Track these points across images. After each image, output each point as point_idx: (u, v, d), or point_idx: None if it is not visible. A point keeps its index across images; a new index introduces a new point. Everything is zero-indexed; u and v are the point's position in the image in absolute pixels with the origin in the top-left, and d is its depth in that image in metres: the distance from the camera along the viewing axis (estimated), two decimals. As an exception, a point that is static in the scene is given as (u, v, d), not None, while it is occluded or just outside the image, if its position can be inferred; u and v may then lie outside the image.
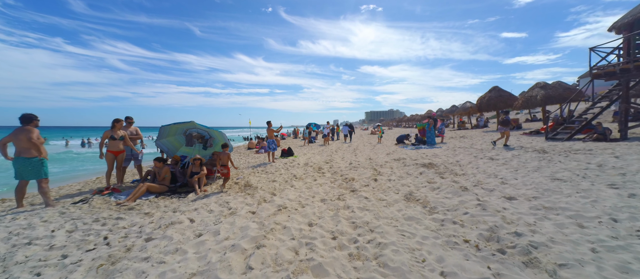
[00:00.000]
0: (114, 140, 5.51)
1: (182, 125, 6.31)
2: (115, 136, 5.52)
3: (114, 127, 5.55)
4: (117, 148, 5.63)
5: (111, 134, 5.49)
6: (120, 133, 5.63)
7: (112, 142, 5.52)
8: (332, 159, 9.33)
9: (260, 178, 6.47)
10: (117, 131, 5.60)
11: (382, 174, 6.07)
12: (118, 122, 5.63)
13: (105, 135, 5.50)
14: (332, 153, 11.54)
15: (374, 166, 7.23)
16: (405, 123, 55.19)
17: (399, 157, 8.64)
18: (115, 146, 5.55)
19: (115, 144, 5.58)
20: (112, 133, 5.50)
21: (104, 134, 5.50)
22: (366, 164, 7.63)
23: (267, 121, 9.59)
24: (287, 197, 4.57)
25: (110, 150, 5.52)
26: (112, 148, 5.56)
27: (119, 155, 5.70)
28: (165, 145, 6.66)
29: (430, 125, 12.29)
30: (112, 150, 5.53)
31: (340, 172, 6.69)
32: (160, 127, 6.11)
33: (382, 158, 8.87)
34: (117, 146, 5.62)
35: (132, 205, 4.42)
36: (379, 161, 8.10)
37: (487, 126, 21.03)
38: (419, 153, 9.30)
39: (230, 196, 4.88)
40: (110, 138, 5.49)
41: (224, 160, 5.43)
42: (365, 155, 9.92)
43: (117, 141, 5.57)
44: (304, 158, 10.34)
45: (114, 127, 5.55)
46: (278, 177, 6.51)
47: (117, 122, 5.58)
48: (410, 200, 3.97)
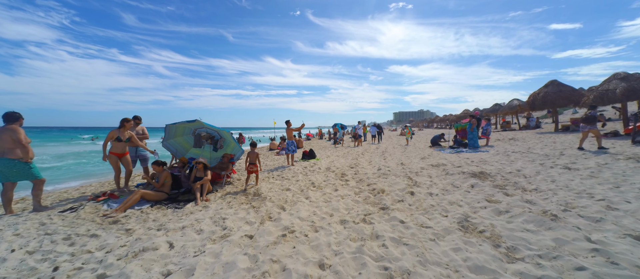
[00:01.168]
0: (119, 141, 5.04)
1: (190, 125, 5.68)
2: (121, 137, 5.04)
3: (123, 127, 5.08)
4: (122, 150, 5.16)
5: (117, 135, 5.02)
6: (127, 135, 5.15)
7: (116, 144, 5.05)
8: (357, 163, 8.20)
9: (273, 186, 5.60)
10: (125, 132, 5.13)
11: (419, 185, 4.84)
12: (127, 122, 5.16)
13: (111, 135, 5.04)
14: (357, 156, 10.40)
15: (408, 173, 5.98)
16: (437, 123, 51.55)
17: (437, 163, 7.24)
18: (118, 147, 5.08)
19: (120, 146, 5.11)
20: (118, 134, 5.02)
21: (110, 134, 5.05)
22: (398, 171, 6.40)
23: (286, 120, 8.76)
24: (298, 214, 3.60)
25: (113, 152, 5.05)
26: (115, 149, 5.10)
27: (123, 157, 5.23)
28: (174, 146, 6.11)
29: (472, 125, 10.54)
30: (115, 151, 5.06)
31: (366, 181, 5.58)
32: (166, 126, 5.54)
33: (417, 163, 7.54)
34: (121, 148, 5.15)
35: (118, 216, 3.79)
36: (413, 167, 6.80)
37: (539, 127, 18.17)
38: (461, 158, 7.78)
39: (231, 209, 4.05)
40: (116, 139, 5.02)
41: (253, 158, 5.63)
42: (396, 159, 8.62)
43: (122, 143, 5.09)
44: (326, 161, 9.35)
45: (123, 127, 5.08)
46: (293, 185, 5.59)
47: (127, 122, 5.11)
48: (468, 230, 2.75)
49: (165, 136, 5.76)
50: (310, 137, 29.81)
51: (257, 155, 5.72)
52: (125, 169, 5.30)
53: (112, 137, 5.02)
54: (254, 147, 5.90)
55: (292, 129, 8.70)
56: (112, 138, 5.00)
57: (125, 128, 5.11)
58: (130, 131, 5.36)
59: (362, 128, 21.06)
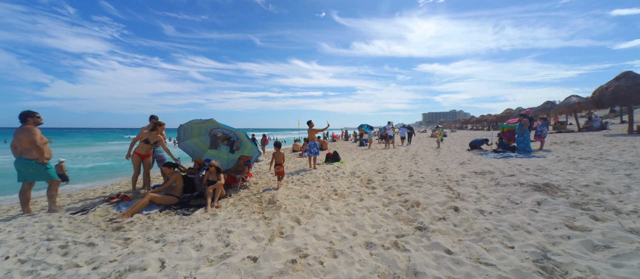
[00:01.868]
0: (147, 143, 4.93)
1: (205, 124, 5.41)
2: (150, 139, 4.93)
3: (155, 130, 4.97)
4: (146, 152, 5.04)
5: (147, 136, 4.91)
6: (157, 138, 5.02)
7: (142, 144, 4.95)
8: (386, 168, 7.39)
9: (291, 192, 5.09)
10: (156, 135, 5.02)
11: (464, 198, 3.96)
12: (160, 125, 5.05)
13: (141, 135, 4.95)
14: (385, 159, 9.53)
15: (447, 182, 5.07)
16: (473, 125, 47.63)
17: (481, 169, 6.17)
18: (144, 149, 4.98)
19: (146, 147, 5.02)
20: (148, 136, 4.91)
21: (140, 134, 4.96)
22: (433, 178, 5.51)
23: (307, 121, 8.25)
24: (314, 230, 3.02)
25: (137, 152, 4.95)
26: (140, 150, 5.00)
27: (146, 158, 5.11)
28: (190, 147, 5.90)
29: (524, 126, 9.08)
30: (139, 152, 4.97)
31: (397, 189, 4.81)
32: (179, 127, 5.32)
33: (455, 169, 6.52)
34: (147, 150, 5.04)
35: (124, 222, 3.53)
36: (451, 174, 5.84)
37: (606, 128, 15.47)
38: (512, 165, 6.59)
39: (241, 219, 3.60)
40: (144, 141, 4.91)
41: (280, 159, 5.53)
42: (430, 164, 7.64)
43: (149, 145, 4.98)
44: (351, 164, 8.66)
45: (155, 130, 4.97)
46: (313, 191, 5.02)
47: (159, 125, 5.00)
48: (554, 277, 1.92)
49: (180, 137, 5.55)
50: (336, 139, 29.17)
51: (283, 155, 5.63)
52: (144, 171, 5.17)
53: (142, 137, 4.92)
54: (278, 147, 5.82)
55: (314, 130, 8.15)
56: (142, 138, 4.90)
57: (157, 131, 4.98)
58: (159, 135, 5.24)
59: (391, 129, 19.92)
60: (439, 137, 13.97)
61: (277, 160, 5.55)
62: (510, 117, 29.88)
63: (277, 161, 5.54)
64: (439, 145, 13.78)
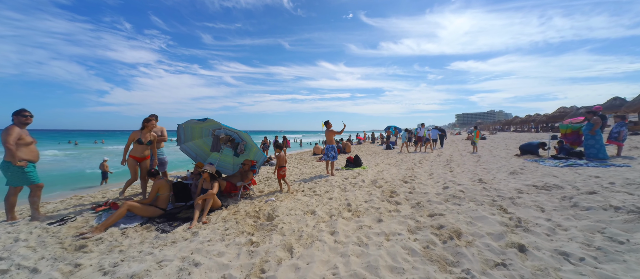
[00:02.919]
0: (140, 144, 4.52)
1: (205, 124, 4.85)
2: (142, 139, 4.52)
3: (145, 128, 4.56)
4: (141, 154, 4.63)
5: (139, 137, 4.51)
6: (149, 137, 4.61)
7: (136, 146, 4.54)
8: (413, 176, 6.25)
9: (297, 204, 4.28)
10: (146, 134, 4.60)
11: (528, 228, 2.79)
12: (149, 122, 4.63)
13: (132, 137, 4.56)
14: (414, 165, 8.31)
15: (497, 199, 3.86)
16: (516, 126, 42.76)
17: (543, 182, 4.78)
18: (139, 151, 4.56)
19: (140, 149, 4.59)
20: (140, 136, 4.51)
21: (131, 136, 4.58)
22: (477, 192, 4.30)
23: (324, 121, 7.40)
24: (307, 269, 2.17)
25: (132, 155, 4.55)
26: (135, 153, 4.59)
27: (143, 161, 4.71)
28: (192, 149, 5.40)
29: (595, 126, 7.25)
30: (134, 155, 4.56)
31: (427, 207, 3.74)
32: (178, 127, 4.82)
33: (506, 181, 5.18)
34: (142, 151, 4.62)
35: (93, 238, 3.00)
36: (502, 188, 4.56)
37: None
38: (586, 178, 5.06)
39: (223, 242, 2.87)
40: (136, 142, 4.51)
41: (282, 161, 5.33)
42: (469, 173, 6.31)
43: (143, 146, 4.56)
44: (374, 170, 7.62)
45: (144, 128, 4.56)
46: (323, 205, 4.16)
47: (148, 122, 4.58)
48: None
49: (180, 138, 5.06)
50: (361, 140, 27.90)
51: (285, 157, 5.50)
52: (141, 175, 4.76)
53: (134, 138, 4.52)
54: (280, 149, 6.10)
55: (332, 131, 7.28)
56: (133, 140, 4.50)
57: (147, 129, 4.56)
58: (153, 133, 4.82)
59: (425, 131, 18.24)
60: (476, 138, 12.11)
61: (279, 162, 5.28)
62: (565, 116, 26.00)
63: (279, 163, 5.28)
64: (475, 148, 11.96)
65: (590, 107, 12.35)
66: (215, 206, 4.05)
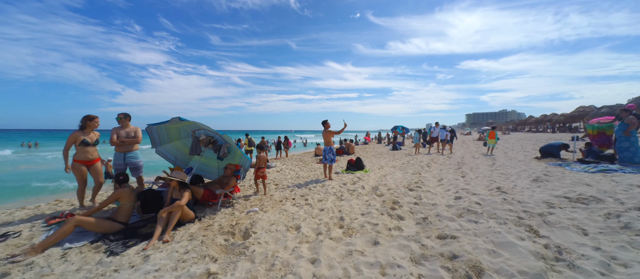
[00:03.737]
0: (86, 145, 4.00)
1: (182, 125, 4.30)
2: (88, 140, 3.99)
3: (86, 127, 4.03)
4: (89, 157, 4.05)
5: (82, 138, 3.98)
6: (94, 137, 4.09)
7: (82, 149, 4.01)
8: (421, 182, 5.54)
9: (280, 217, 3.66)
10: (89, 133, 4.07)
11: (572, 262, 2.09)
12: (91, 120, 4.07)
13: (72, 139, 3.95)
14: (421, 168, 7.57)
15: (523, 215, 3.14)
16: (531, 126, 40.95)
17: (576, 193, 4.01)
18: (84, 154, 4.00)
19: (86, 151, 4.02)
20: (83, 137, 3.98)
21: (71, 137, 3.95)
22: (497, 205, 3.58)
23: (322, 121, 6.76)
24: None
25: (77, 160, 4.01)
26: (80, 156, 4.00)
27: (93, 165, 4.15)
28: (170, 152, 4.87)
29: (630, 127, 6.36)
30: (80, 158, 4.00)
31: (436, 224, 3.06)
32: (148, 128, 4.28)
33: (530, 189, 4.42)
34: (89, 154, 4.03)
35: (25, 261, 2.48)
36: (526, 199, 3.82)
37: None
38: (626, 187, 4.26)
39: (175, 272, 2.28)
40: (81, 144, 3.99)
41: (262, 162, 5.14)
42: (485, 179, 5.55)
43: (90, 147, 4.03)
44: (377, 174, 6.94)
45: (86, 127, 4.03)
46: (311, 219, 3.54)
47: (90, 120, 4.04)
48: None
49: (154, 140, 4.52)
50: (368, 141, 27.11)
51: (265, 158, 5.33)
52: (95, 180, 4.24)
53: (75, 140, 3.94)
54: (261, 150, 5.45)
55: (330, 132, 6.64)
56: (74, 142, 3.95)
57: (89, 128, 4.02)
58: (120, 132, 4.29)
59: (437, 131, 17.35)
60: (492, 140, 11.15)
61: (259, 163, 5.09)
62: (585, 116, 24.49)
63: (259, 164, 5.09)
64: (490, 150, 11.05)
65: (614, 105, 11.25)
66: (186, 219, 3.48)
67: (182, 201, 3.30)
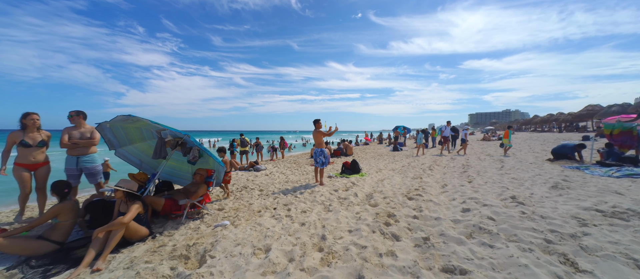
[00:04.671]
0: (26, 147, 3.40)
1: (142, 123, 3.68)
2: (28, 141, 3.40)
3: (26, 128, 3.43)
4: (29, 160, 3.43)
5: (21, 138, 3.39)
6: (39, 137, 3.50)
7: (23, 150, 3.42)
8: (422, 189, 4.88)
9: (250, 235, 3.03)
10: (31, 132, 3.48)
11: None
12: (25, 117, 3.44)
13: (10, 139, 3.37)
14: (423, 172, 6.90)
15: (551, 238, 2.48)
16: (536, 126, 39.99)
17: (610, 206, 3.34)
18: (26, 156, 3.41)
19: (29, 153, 3.40)
20: (22, 137, 3.39)
21: (10, 137, 3.37)
22: (516, 222, 2.92)
23: (314, 120, 6.11)
24: None
25: (19, 163, 3.42)
26: (21, 159, 3.39)
27: (38, 169, 3.55)
28: (134, 155, 4.26)
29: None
30: (21, 162, 3.41)
31: (439, 248, 2.42)
32: (99, 127, 3.65)
33: (550, 199, 3.75)
34: (31, 156, 3.41)
35: None
36: (549, 213, 3.16)
37: None
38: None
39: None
40: (21, 144, 3.39)
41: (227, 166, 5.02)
42: (495, 185, 4.87)
43: (33, 149, 3.43)
44: (374, 179, 6.29)
45: (26, 127, 3.43)
46: (288, 237, 2.90)
47: (24, 118, 3.43)
48: None
49: (110, 142, 3.91)
50: (368, 141, 26.42)
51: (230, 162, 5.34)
52: (37, 188, 3.63)
53: (14, 141, 3.35)
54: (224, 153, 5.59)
55: (321, 133, 6.00)
56: (14, 142, 3.36)
57: (31, 127, 3.43)
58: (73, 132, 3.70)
59: (431, 132, 16.60)
60: (506, 141, 10.21)
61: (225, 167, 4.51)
62: (594, 115, 23.58)
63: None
64: (506, 151, 10.13)
65: (623, 104, 10.45)
66: (135, 237, 2.86)
67: (126, 218, 2.68)
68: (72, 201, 2.91)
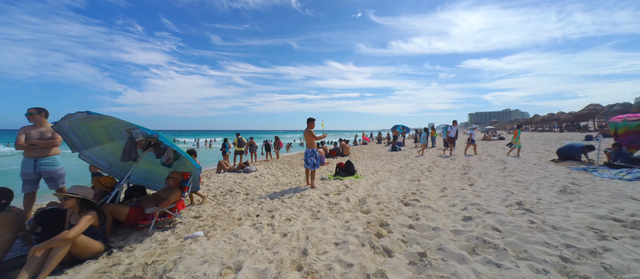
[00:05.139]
0: None
1: (108, 121, 3.30)
2: None
3: None
4: None
5: None
6: None
7: None
8: (419, 192, 4.51)
9: (222, 249, 2.66)
10: None
11: None
12: None
13: None
14: (421, 174, 6.53)
15: (570, 257, 2.12)
16: (536, 125, 39.69)
17: (629, 214, 2.97)
18: None
19: None
20: None
21: None
22: (523, 233, 2.55)
23: (308, 118, 5.72)
24: None
25: None
26: None
27: None
28: (102, 157, 3.88)
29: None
30: None
31: (438, 266, 2.05)
32: (56, 126, 3.26)
33: (560, 206, 3.39)
34: None
35: None
36: (562, 223, 2.80)
37: None
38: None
39: None
40: None
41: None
42: (499, 188, 4.50)
43: None
44: (369, 181, 5.93)
45: None
46: (264, 251, 2.53)
47: None
48: None
49: (72, 143, 3.52)
50: (367, 141, 26.05)
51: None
52: None
53: None
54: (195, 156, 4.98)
55: (311, 133, 5.60)
56: None
57: None
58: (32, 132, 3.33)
59: (431, 132, 16.24)
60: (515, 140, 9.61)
61: None
62: (595, 114, 23.25)
63: None
64: (518, 152, 9.59)
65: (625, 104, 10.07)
66: (86, 254, 2.48)
67: (71, 232, 2.29)
68: (11, 213, 2.53)
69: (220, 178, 7.19)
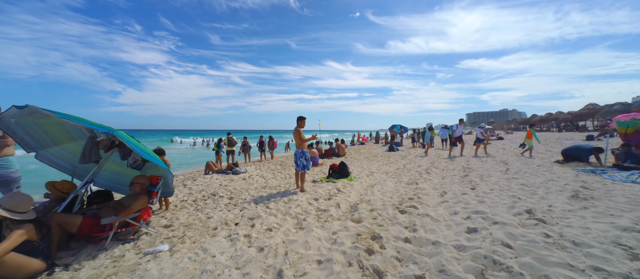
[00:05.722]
0: None
1: (64, 120, 2.86)
2: None
3: None
4: None
5: None
6: None
7: None
8: (417, 198, 4.11)
9: (186, 267, 2.25)
10: None
11: None
12: None
13: None
14: (419, 176, 6.14)
15: None
16: (537, 125, 39.44)
17: (653, 223, 2.59)
18: None
19: None
20: None
21: None
22: (539, 251, 2.16)
23: (298, 117, 5.30)
24: None
25: None
26: None
27: None
28: (63, 158, 3.45)
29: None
30: None
31: (440, 300, 1.65)
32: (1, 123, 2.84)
33: (575, 214, 3.01)
34: None
35: None
36: (580, 236, 2.42)
37: None
38: None
39: None
40: None
41: None
42: (504, 193, 4.11)
43: None
44: (364, 183, 5.53)
45: None
46: (235, 269, 2.12)
47: None
48: None
49: (26, 143, 3.09)
50: (364, 141, 25.67)
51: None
52: None
53: None
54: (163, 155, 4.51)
55: (300, 133, 5.16)
56: None
57: None
58: None
59: (430, 132, 15.88)
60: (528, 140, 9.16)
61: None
62: (595, 113, 23.01)
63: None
64: (530, 153, 9.03)
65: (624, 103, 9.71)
66: (19, 276, 2.07)
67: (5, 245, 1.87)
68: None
69: (206, 180, 6.77)
